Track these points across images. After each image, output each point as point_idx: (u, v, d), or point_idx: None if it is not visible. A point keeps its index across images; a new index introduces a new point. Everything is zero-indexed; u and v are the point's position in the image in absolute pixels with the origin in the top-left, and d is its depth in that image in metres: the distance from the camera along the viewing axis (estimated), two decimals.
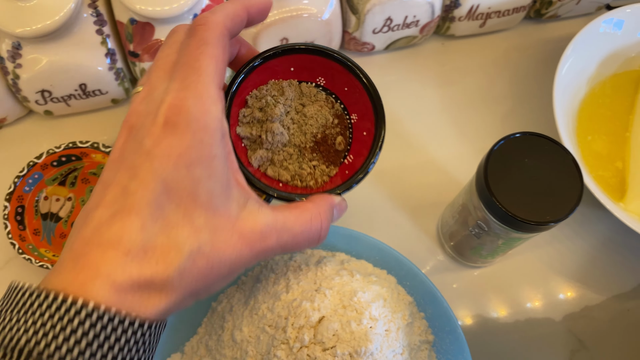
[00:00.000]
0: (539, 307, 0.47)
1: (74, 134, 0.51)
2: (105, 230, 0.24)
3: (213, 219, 0.25)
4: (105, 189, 0.25)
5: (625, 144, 0.50)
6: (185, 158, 0.24)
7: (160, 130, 0.24)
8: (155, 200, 0.24)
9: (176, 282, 0.24)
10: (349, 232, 0.43)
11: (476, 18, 0.53)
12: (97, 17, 0.45)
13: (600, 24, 0.48)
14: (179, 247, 0.24)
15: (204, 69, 0.25)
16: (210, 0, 0.46)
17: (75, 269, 0.23)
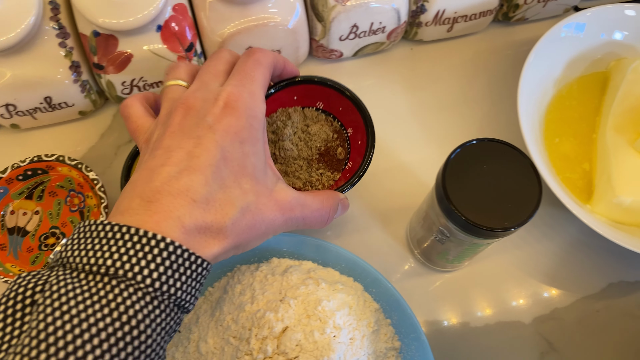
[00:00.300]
0: (509, 310, 0.47)
1: (43, 146, 0.51)
2: (174, 182, 0.28)
3: (256, 186, 0.31)
4: (170, 152, 0.29)
5: (592, 145, 0.50)
6: (240, 135, 0.31)
7: (220, 111, 0.31)
8: (216, 164, 0.29)
9: (229, 230, 0.29)
10: (316, 241, 0.43)
11: (443, 23, 0.53)
12: (59, 30, 0.45)
13: (562, 29, 0.49)
14: (233, 202, 0.29)
15: (257, 78, 0.33)
16: (174, 11, 0.46)
17: (148, 211, 0.27)
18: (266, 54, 0.35)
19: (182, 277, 0.27)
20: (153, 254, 0.26)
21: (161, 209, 0.27)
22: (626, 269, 0.49)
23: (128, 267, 0.25)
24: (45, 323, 0.23)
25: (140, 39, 0.45)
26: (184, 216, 0.27)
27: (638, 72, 0.49)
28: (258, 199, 0.31)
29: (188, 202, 0.28)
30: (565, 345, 0.46)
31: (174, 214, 0.27)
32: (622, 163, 0.46)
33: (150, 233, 0.26)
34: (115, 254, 0.25)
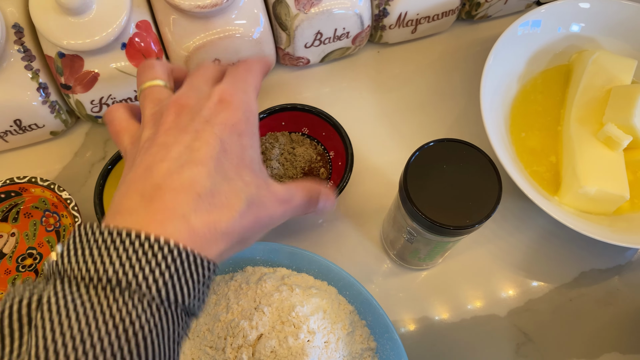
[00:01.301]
0: (484, 304, 0.48)
1: (17, 169, 0.51)
2: (176, 177, 0.27)
3: (255, 179, 0.30)
4: (167, 148, 0.28)
5: (558, 138, 0.51)
6: (237, 128, 0.30)
7: (215, 105, 0.30)
8: (217, 156, 0.28)
9: (237, 223, 0.28)
10: (290, 248, 0.43)
11: (406, 25, 0.54)
12: (24, 53, 0.45)
13: (518, 28, 0.49)
14: (238, 194, 0.28)
15: (249, 81, 0.33)
16: (138, 28, 0.47)
17: (150, 210, 0.26)
18: (256, 61, 0.35)
19: (190, 283, 0.25)
20: (157, 260, 0.24)
21: (164, 206, 0.26)
22: (597, 257, 0.50)
23: (131, 276, 0.24)
24: (46, 349, 0.22)
25: (106, 58, 0.46)
26: (190, 213, 0.26)
27: (598, 64, 0.50)
28: (259, 191, 0.30)
29: (193, 197, 0.26)
30: (540, 336, 0.47)
31: (178, 211, 0.26)
32: (586, 154, 0.47)
33: (153, 237, 0.24)
34: (117, 262, 0.24)
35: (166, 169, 0.27)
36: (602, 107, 0.49)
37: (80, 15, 0.43)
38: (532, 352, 0.47)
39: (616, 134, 0.47)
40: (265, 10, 0.49)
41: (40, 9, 0.43)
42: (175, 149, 0.28)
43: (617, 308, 0.48)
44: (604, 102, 0.49)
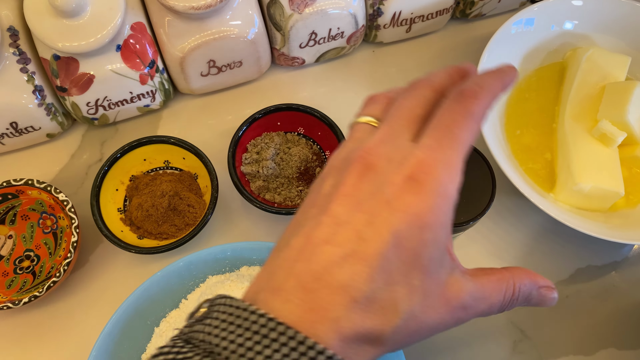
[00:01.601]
0: None
1: (14, 171, 0.51)
2: (336, 271, 0.23)
3: (426, 282, 0.25)
4: (337, 227, 0.24)
5: (553, 135, 0.51)
6: (421, 219, 0.24)
7: (403, 183, 0.24)
8: (386, 254, 0.24)
9: (389, 338, 0.24)
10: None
11: (401, 24, 0.54)
12: (20, 56, 0.46)
13: (511, 27, 0.50)
14: (397, 305, 0.24)
15: (462, 141, 0.25)
16: (132, 30, 0.47)
17: (305, 304, 0.23)
18: (482, 100, 0.26)
19: None
20: (263, 345, 0.22)
21: (318, 305, 0.23)
22: (593, 254, 0.50)
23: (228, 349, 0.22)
24: None
25: (101, 60, 0.46)
26: (342, 319, 0.23)
27: (592, 61, 0.51)
28: (425, 299, 0.25)
29: (347, 302, 0.23)
30: (537, 332, 0.47)
31: (330, 314, 0.23)
32: (581, 151, 0.47)
33: (308, 340, 0.22)
34: (268, 355, 0.22)
35: (328, 256, 0.24)
36: (597, 104, 0.49)
37: (75, 18, 0.43)
38: (529, 349, 0.47)
39: (610, 130, 0.47)
40: (259, 10, 0.49)
41: (35, 12, 0.43)
42: (344, 232, 0.24)
43: (613, 304, 0.48)
44: (598, 99, 0.49)
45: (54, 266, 0.47)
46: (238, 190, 0.46)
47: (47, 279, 0.46)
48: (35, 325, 0.46)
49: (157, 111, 0.54)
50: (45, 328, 0.46)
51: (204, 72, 0.51)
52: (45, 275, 0.46)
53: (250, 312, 0.23)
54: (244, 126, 0.49)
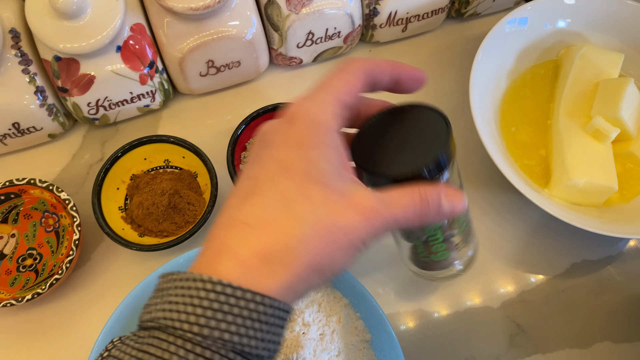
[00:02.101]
0: (477, 296, 0.49)
1: (16, 171, 0.52)
2: (232, 213, 0.26)
3: (327, 194, 0.26)
4: (239, 184, 0.28)
5: (548, 132, 0.52)
6: (301, 141, 0.27)
7: (281, 125, 0.28)
8: (274, 178, 0.26)
9: (299, 251, 0.25)
10: None
11: (397, 24, 0.55)
12: (22, 57, 0.46)
13: (505, 26, 0.50)
14: (299, 217, 0.25)
15: (333, 86, 0.28)
16: (132, 31, 0.47)
17: (204, 251, 0.26)
18: (356, 60, 0.30)
19: (238, 319, 0.23)
20: (200, 298, 0.23)
21: (215, 243, 0.25)
22: (588, 249, 0.51)
23: (175, 317, 0.24)
24: None
25: (102, 60, 0.47)
26: (237, 245, 0.25)
27: (585, 58, 0.51)
28: (330, 207, 0.26)
29: (242, 228, 0.25)
30: (533, 326, 0.48)
31: (225, 244, 0.25)
32: (575, 147, 0.48)
33: (194, 275, 0.24)
34: (167, 305, 0.24)
35: (229, 208, 0.27)
36: (590, 101, 0.50)
37: (75, 19, 0.44)
38: (525, 343, 0.47)
39: (604, 126, 0.47)
40: (257, 11, 0.50)
41: (36, 14, 0.44)
42: (242, 185, 0.27)
43: (608, 298, 0.49)
44: (592, 95, 0.50)
45: (56, 264, 0.47)
46: None
47: (49, 277, 0.46)
48: (38, 322, 0.47)
49: (157, 111, 0.55)
50: (48, 325, 0.47)
51: (202, 72, 0.51)
52: (48, 273, 0.47)
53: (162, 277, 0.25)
54: (242, 125, 0.49)
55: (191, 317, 0.23)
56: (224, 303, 0.23)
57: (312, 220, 0.25)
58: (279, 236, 0.25)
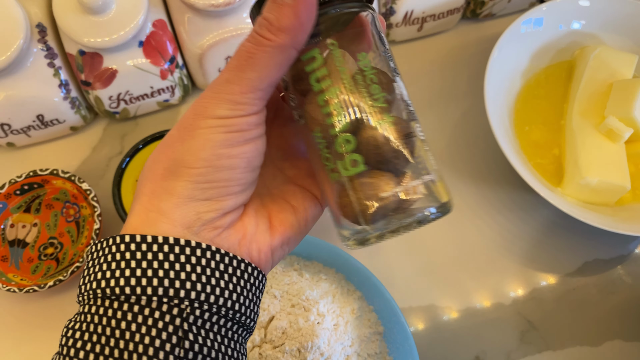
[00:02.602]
0: (489, 293, 0.49)
1: (38, 163, 0.53)
2: None
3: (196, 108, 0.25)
4: None
5: (561, 131, 0.52)
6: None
7: None
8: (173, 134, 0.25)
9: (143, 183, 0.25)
10: None
11: (412, 23, 0.55)
12: (47, 51, 0.48)
13: (520, 26, 0.51)
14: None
15: None
16: (154, 27, 0.49)
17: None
18: None
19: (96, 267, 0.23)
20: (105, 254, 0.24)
21: None
22: (600, 248, 0.51)
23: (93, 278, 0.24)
24: None
25: (124, 55, 0.48)
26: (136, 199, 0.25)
27: (600, 59, 0.52)
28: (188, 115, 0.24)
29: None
30: (544, 324, 0.48)
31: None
32: (588, 146, 0.48)
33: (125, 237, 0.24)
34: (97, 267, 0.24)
35: None
36: (604, 101, 0.50)
37: (101, 14, 0.45)
38: (536, 340, 0.48)
39: (617, 126, 0.48)
40: None
41: (63, 9, 0.45)
42: None
43: (620, 297, 0.49)
44: (606, 96, 0.50)
45: (77, 253, 0.49)
46: None
47: (69, 265, 0.48)
48: (59, 308, 0.48)
49: (176, 106, 0.56)
50: (68, 311, 0.48)
51: (221, 69, 0.52)
52: (68, 261, 0.48)
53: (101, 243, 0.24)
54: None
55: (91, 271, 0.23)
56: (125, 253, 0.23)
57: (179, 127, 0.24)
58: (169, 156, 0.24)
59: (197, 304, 0.23)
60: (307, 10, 0.23)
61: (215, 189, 0.24)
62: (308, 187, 0.29)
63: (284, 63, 0.23)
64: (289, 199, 0.28)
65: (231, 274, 0.24)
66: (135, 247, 0.23)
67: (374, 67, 0.24)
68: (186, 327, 0.22)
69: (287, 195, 0.28)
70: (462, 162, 0.54)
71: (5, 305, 0.48)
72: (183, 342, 0.22)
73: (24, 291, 0.44)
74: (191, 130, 0.24)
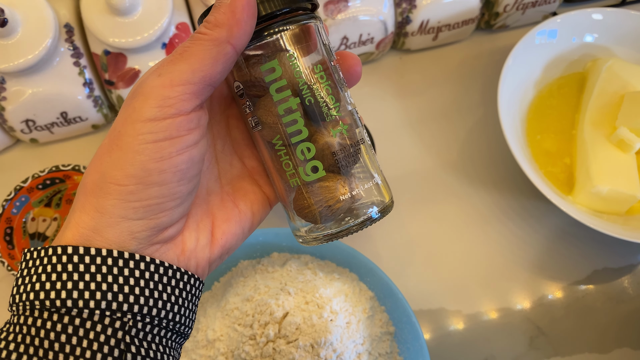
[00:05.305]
0: (499, 298, 0.50)
1: (59, 159, 0.55)
2: None
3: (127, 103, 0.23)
4: None
5: (572, 141, 0.53)
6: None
7: None
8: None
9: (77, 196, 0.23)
10: None
11: (428, 32, 0.57)
12: (74, 51, 0.49)
13: (535, 37, 0.52)
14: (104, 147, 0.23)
15: None
16: (177, 30, 0.50)
17: None
18: None
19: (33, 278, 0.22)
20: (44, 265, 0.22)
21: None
22: (609, 256, 0.52)
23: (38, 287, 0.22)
24: None
25: (147, 56, 0.49)
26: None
27: (612, 71, 0.53)
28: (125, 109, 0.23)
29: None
30: (553, 330, 0.49)
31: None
32: (599, 155, 0.49)
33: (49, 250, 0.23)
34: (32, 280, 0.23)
35: None
36: (615, 112, 0.51)
37: (127, 16, 0.47)
38: (545, 345, 0.48)
39: (628, 137, 0.49)
40: None
41: (91, 10, 0.47)
42: None
43: (628, 305, 0.50)
44: (617, 107, 0.51)
45: None
46: None
47: None
48: None
49: None
50: None
51: None
52: None
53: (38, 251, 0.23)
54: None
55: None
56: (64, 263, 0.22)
57: (109, 135, 0.23)
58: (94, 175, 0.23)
59: (140, 317, 0.22)
60: (243, 8, 0.23)
61: (148, 207, 0.22)
62: (262, 185, 0.28)
63: (219, 58, 0.23)
64: (238, 201, 0.27)
65: (174, 286, 0.23)
66: (78, 259, 0.22)
67: (328, 78, 0.25)
68: (128, 340, 0.22)
69: (237, 195, 0.27)
70: (474, 169, 0.55)
71: None
72: (125, 356, 0.21)
73: None
74: (118, 138, 0.22)
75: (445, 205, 0.53)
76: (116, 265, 0.22)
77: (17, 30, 0.45)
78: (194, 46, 0.23)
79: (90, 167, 0.23)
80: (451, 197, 0.54)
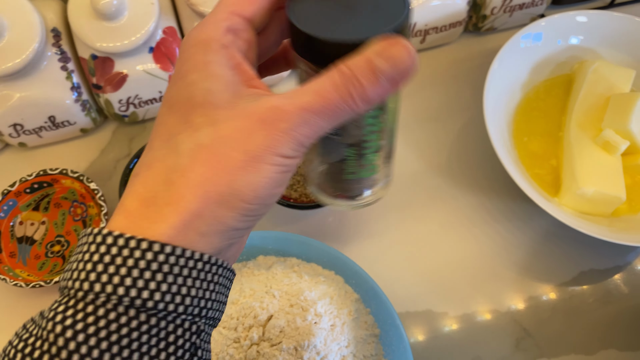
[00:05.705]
0: (485, 300, 0.50)
1: (48, 163, 0.55)
2: None
3: (214, 114, 0.23)
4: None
5: (559, 142, 0.53)
6: (182, 72, 0.24)
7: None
8: (160, 123, 0.24)
9: (180, 185, 0.22)
10: (300, 238, 0.46)
11: (415, 35, 0.57)
12: (61, 55, 0.49)
13: (520, 40, 0.52)
14: (176, 148, 0.23)
15: (225, 2, 0.25)
16: (164, 34, 0.50)
17: None
18: None
19: (122, 269, 0.21)
20: (90, 252, 0.22)
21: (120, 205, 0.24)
22: (596, 258, 0.52)
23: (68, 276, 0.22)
24: None
25: (135, 60, 0.50)
26: (126, 197, 0.23)
27: (598, 73, 0.53)
28: (215, 126, 0.23)
29: (131, 182, 0.24)
30: (539, 331, 0.49)
31: (120, 203, 0.24)
32: (585, 157, 0.49)
33: (92, 235, 0.22)
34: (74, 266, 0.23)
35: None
36: (602, 114, 0.51)
37: (114, 20, 0.47)
38: (532, 347, 0.48)
39: (614, 138, 0.49)
40: None
41: (78, 15, 0.47)
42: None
43: (614, 307, 0.50)
44: (603, 109, 0.52)
45: None
46: None
47: None
48: None
49: None
50: None
51: None
52: None
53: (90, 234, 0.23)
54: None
55: (75, 274, 0.22)
56: (104, 254, 0.21)
57: (190, 147, 0.22)
58: (159, 175, 0.23)
59: (211, 320, 0.24)
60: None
61: (252, 221, 0.24)
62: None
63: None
64: None
65: (228, 287, 0.25)
66: (164, 259, 0.21)
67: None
68: (198, 344, 0.23)
69: None
70: (462, 172, 0.55)
71: (12, 299, 0.49)
72: (192, 358, 0.23)
73: (31, 286, 0.45)
74: (258, 162, 0.22)
75: (432, 207, 0.53)
76: (204, 270, 0.23)
77: (3, 35, 0.46)
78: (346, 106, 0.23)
79: (213, 176, 0.22)
80: (438, 199, 0.54)
